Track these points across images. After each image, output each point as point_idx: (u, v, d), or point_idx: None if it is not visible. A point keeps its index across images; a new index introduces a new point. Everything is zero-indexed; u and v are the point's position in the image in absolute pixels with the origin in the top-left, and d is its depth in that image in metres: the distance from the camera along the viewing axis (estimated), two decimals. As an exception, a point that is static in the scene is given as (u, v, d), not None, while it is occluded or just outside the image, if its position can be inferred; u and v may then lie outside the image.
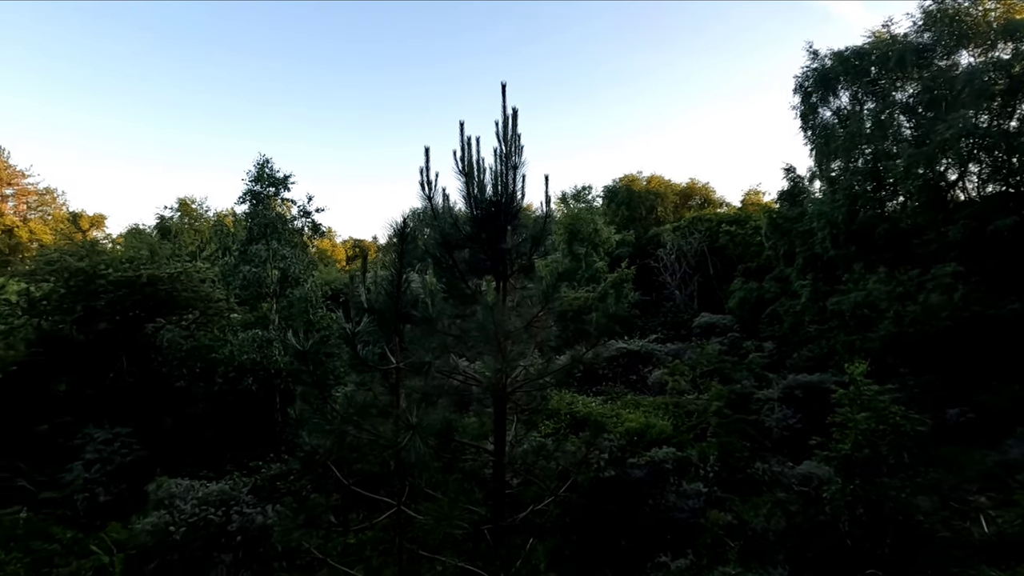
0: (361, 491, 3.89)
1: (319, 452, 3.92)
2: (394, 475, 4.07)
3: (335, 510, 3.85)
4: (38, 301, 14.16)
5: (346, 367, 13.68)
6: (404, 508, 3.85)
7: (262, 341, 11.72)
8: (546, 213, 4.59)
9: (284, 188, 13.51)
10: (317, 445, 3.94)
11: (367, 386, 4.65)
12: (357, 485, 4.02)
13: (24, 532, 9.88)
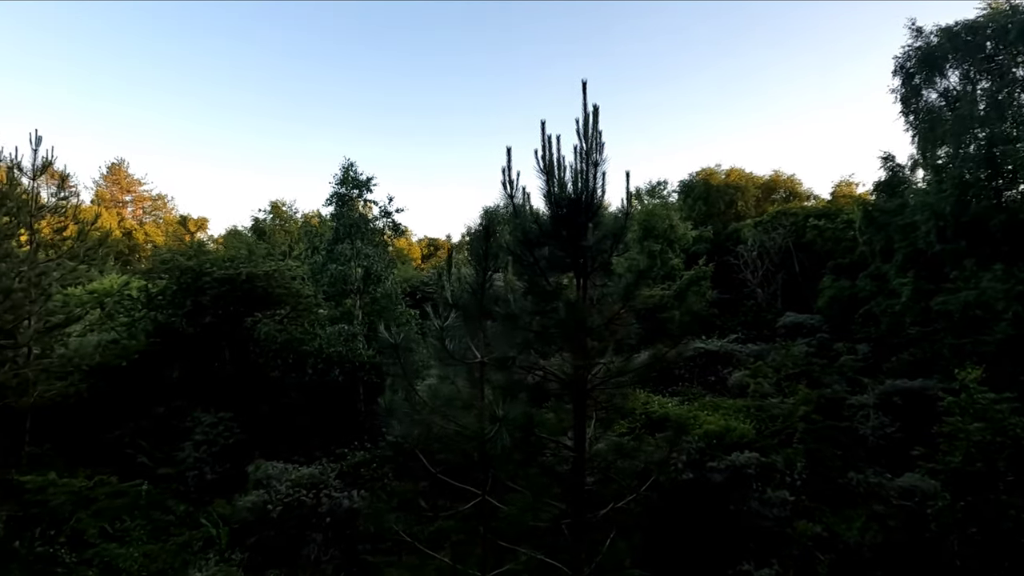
0: (448, 479, 4.07)
1: (407, 440, 4.12)
2: (477, 466, 4.21)
3: (422, 497, 4.03)
4: (154, 296, 15.74)
5: (424, 361, 14.25)
6: (489, 498, 3.98)
7: (348, 335, 12.41)
8: (626, 210, 4.56)
9: (367, 190, 14.22)
10: (406, 434, 4.14)
11: (450, 379, 4.82)
12: (441, 474, 4.19)
13: (145, 503, 11.04)
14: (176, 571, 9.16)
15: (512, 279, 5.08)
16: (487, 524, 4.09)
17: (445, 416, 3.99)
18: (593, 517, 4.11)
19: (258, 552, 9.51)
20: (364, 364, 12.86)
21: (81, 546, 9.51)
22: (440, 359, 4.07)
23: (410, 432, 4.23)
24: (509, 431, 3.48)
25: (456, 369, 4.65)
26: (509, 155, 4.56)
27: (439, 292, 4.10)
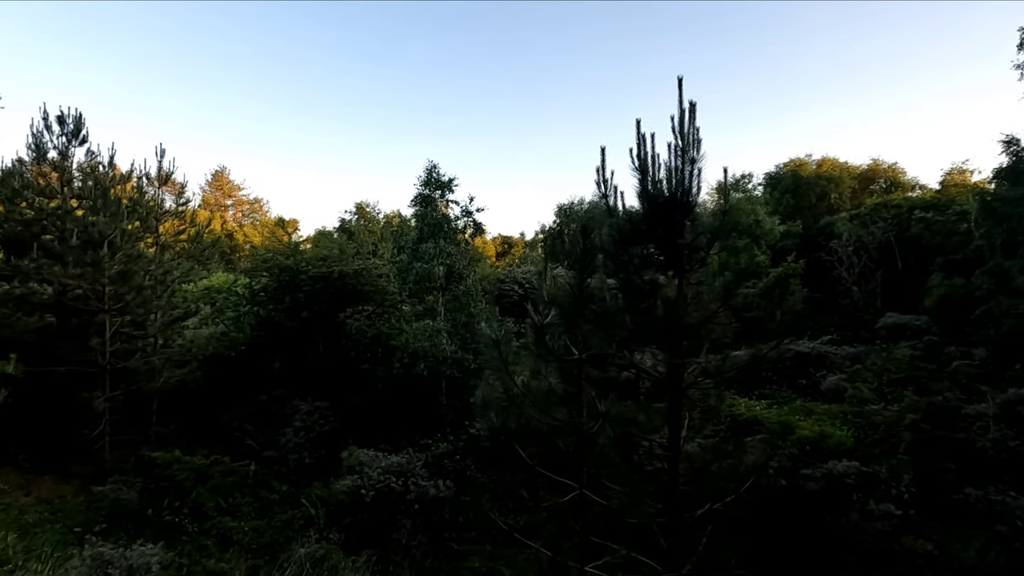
0: (546, 472, 4.19)
1: (504, 433, 4.28)
2: (570, 460, 4.30)
3: (519, 488, 4.18)
4: (257, 293, 17.10)
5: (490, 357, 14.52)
6: (586, 492, 4.07)
7: (432, 331, 12.91)
8: (725, 207, 4.47)
9: (448, 190, 14.70)
10: (502, 426, 4.30)
11: (542, 375, 4.93)
12: (538, 467, 4.32)
13: (253, 482, 12.05)
14: (281, 545, 9.92)
15: (601, 278, 5.10)
16: (584, 517, 4.18)
17: (545, 410, 4.12)
18: (690, 517, 4.08)
19: (353, 533, 10.12)
20: (447, 359, 13.32)
21: (201, 517, 10.54)
22: (538, 355, 4.19)
23: (507, 425, 4.38)
24: (612, 427, 3.54)
25: (549, 365, 4.76)
26: (603, 154, 4.61)
27: (538, 290, 4.22)
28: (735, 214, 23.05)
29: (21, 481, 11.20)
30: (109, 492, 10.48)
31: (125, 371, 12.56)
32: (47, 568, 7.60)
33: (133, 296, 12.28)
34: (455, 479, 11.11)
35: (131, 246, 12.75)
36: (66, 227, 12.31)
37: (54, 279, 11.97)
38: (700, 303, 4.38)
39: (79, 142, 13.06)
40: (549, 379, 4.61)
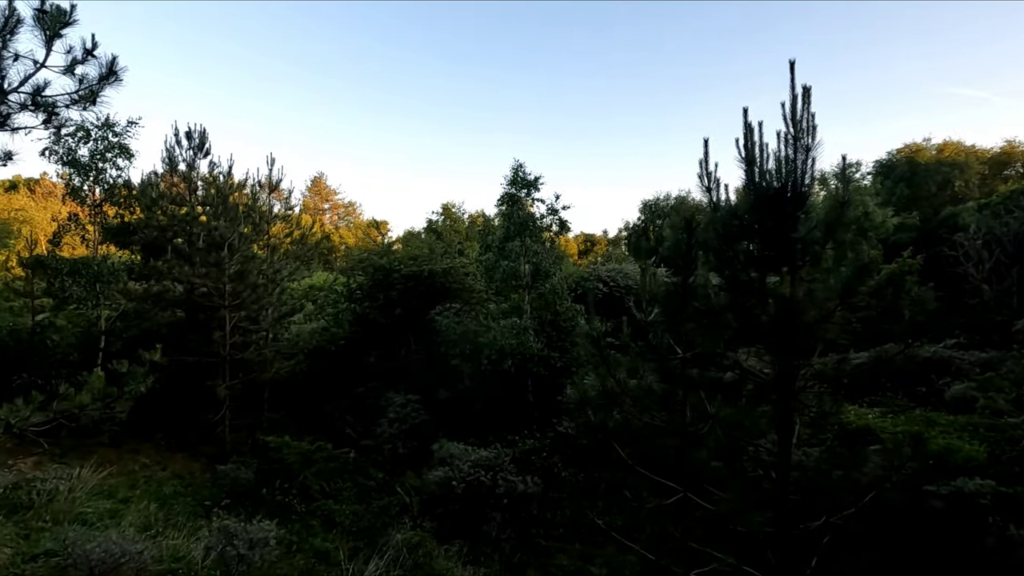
0: (647, 473, 4.12)
1: (602, 432, 4.25)
2: (670, 462, 4.19)
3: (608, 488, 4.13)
4: (354, 291, 18.15)
5: (588, 355, 14.42)
6: (690, 495, 3.95)
7: (519, 329, 13.05)
8: (844, 199, 4.16)
9: (534, 189, 14.80)
10: (599, 425, 4.27)
11: (640, 374, 4.84)
12: (638, 467, 4.25)
13: (352, 468, 12.81)
14: (378, 530, 10.46)
15: (703, 274, 4.92)
16: (686, 521, 4.06)
17: (648, 409, 4.04)
18: (804, 529, 3.84)
19: (444, 522, 10.47)
20: (533, 357, 13.42)
21: (307, 499, 11.35)
22: (641, 354, 4.12)
23: (604, 423, 4.35)
24: (722, 429, 3.41)
25: (647, 364, 4.66)
26: (707, 146, 4.45)
27: (642, 287, 4.14)
28: (853, 205, 21.44)
29: (158, 458, 12.62)
30: (230, 471, 11.55)
31: (242, 362, 13.80)
32: (182, 535, 8.51)
33: (248, 293, 13.46)
34: (542, 476, 11.18)
35: (246, 248, 13.98)
36: (193, 231, 13.73)
37: (184, 278, 13.38)
38: (815, 301, 4.10)
39: (203, 154, 14.50)
40: (647, 378, 4.51)
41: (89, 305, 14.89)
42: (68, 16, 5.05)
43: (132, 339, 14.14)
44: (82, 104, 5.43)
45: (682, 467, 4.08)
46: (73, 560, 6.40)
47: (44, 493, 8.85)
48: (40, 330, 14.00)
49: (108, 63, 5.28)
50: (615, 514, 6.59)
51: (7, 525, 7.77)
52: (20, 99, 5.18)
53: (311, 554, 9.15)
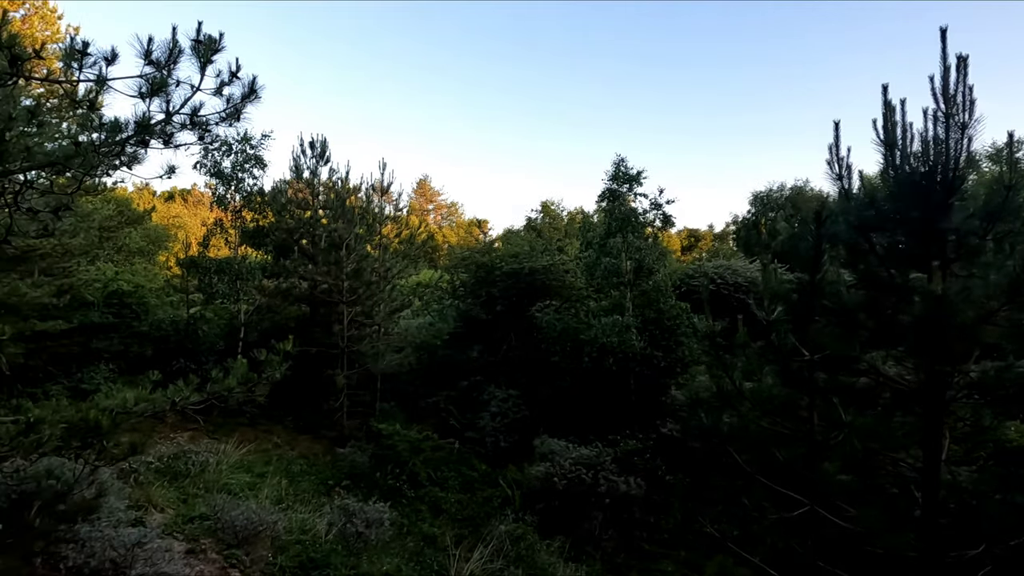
0: (767, 482, 3.86)
1: (715, 435, 4.04)
2: (796, 471, 3.88)
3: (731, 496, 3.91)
4: (457, 288, 18.81)
5: (694, 354, 13.79)
6: (818, 509, 3.64)
7: (621, 326, 12.80)
8: (1010, 182, 3.60)
9: (637, 183, 14.42)
10: (713, 427, 4.06)
11: (757, 376, 4.54)
12: (758, 475, 3.99)
13: (456, 459, 13.30)
14: (482, 519, 10.78)
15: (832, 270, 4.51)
16: (812, 537, 3.74)
17: (766, 414, 3.79)
18: (958, 557, 3.39)
19: (546, 517, 10.56)
20: (636, 355, 13.10)
21: (416, 485, 11.95)
22: (763, 354, 3.86)
23: (718, 426, 4.13)
24: (858, 440, 3.11)
25: (766, 367, 4.36)
26: (837, 130, 4.06)
27: (765, 283, 3.87)
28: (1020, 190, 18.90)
29: (287, 438, 13.93)
30: (348, 454, 12.48)
31: (357, 353, 14.83)
32: (308, 510, 9.33)
33: (363, 290, 14.44)
34: (645, 478, 10.90)
35: (361, 247, 15.01)
36: (316, 233, 14.98)
37: (308, 276, 14.64)
38: (972, 299, 3.60)
39: (324, 162, 15.75)
40: (767, 380, 4.22)
41: (231, 300, 16.80)
42: (217, 44, 5.66)
43: (265, 331, 15.75)
44: (228, 121, 6.08)
45: (808, 478, 3.76)
46: (222, 525, 7.25)
47: (197, 464, 10.10)
48: (193, 321, 16.00)
49: (249, 83, 5.88)
50: (725, 523, 6.25)
51: (171, 489, 8.97)
52: (181, 119, 5.90)
53: (420, 537, 9.63)
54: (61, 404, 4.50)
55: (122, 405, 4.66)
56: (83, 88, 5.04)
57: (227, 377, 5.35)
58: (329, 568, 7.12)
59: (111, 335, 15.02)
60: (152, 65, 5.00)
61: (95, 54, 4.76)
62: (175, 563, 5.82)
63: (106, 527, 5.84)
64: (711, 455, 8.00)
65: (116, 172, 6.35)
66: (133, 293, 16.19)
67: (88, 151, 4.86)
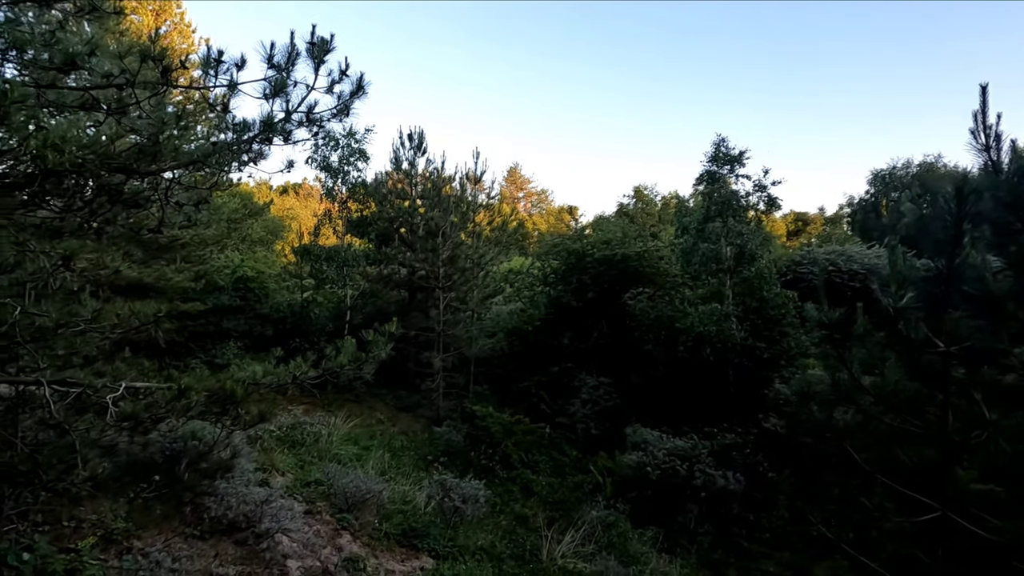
0: (890, 482, 3.55)
1: (828, 429, 3.77)
2: (925, 474, 3.53)
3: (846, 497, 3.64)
4: (548, 275, 18.88)
5: (801, 346, 12.87)
6: (951, 515, 3.28)
7: (720, 315, 12.23)
8: None
9: (739, 164, 13.60)
10: (827, 422, 3.79)
11: (878, 370, 4.17)
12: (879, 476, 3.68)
13: (547, 443, 13.46)
14: (572, 504, 10.85)
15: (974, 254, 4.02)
16: (943, 546, 3.39)
17: (892, 409, 3.47)
18: None
19: (638, 507, 10.43)
20: (735, 346, 12.45)
21: (508, 467, 12.26)
22: (890, 345, 3.54)
23: (832, 421, 3.85)
24: (1005, 442, 2.77)
25: (889, 360, 3.98)
26: (984, 94, 3.57)
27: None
28: None
29: (389, 415, 14.83)
30: (444, 433, 13.06)
31: (452, 337, 15.42)
32: (409, 483, 9.91)
33: (458, 276, 14.94)
34: (744, 473, 10.40)
35: (456, 235, 15.50)
36: (414, 221, 15.68)
37: (407, 263, 15.39)
38: None
39: (421, 153, 16.40)
40: (891, 374, 3.85)
41: (338, 285, 18.07)
42: (329, 44, 6.04)
43: (369, 314, 16.80)
44: (339, 117, 6.49)
45: (940, 481, 3.40)
46: (334, 490, 7.90)
47: (311, 435, 11.05)
48: (306, 305, 17.42)
49: (357, 80, 6.23)
50: (836, 526, 5.83)
51: (289, 456, 9.90)
52: (298, 117, 6.39)
53: (512, 516, 9.89)
54: (203, 374, 5.08)
55: (252, 377, 5.19)
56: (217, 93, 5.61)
57: (339, 355, 5.78)
58: (428, 538, 7.53)
59: (238, 316, 16.74)
60: (274, 68, 5.45)
61: (228, 61, 5.28)
62: (296, 521, 6.44)
63: (239, 485, 6.58)
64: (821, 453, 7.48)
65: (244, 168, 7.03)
66: (255, 279, 17.91)
67: (223, 149, 5.42)
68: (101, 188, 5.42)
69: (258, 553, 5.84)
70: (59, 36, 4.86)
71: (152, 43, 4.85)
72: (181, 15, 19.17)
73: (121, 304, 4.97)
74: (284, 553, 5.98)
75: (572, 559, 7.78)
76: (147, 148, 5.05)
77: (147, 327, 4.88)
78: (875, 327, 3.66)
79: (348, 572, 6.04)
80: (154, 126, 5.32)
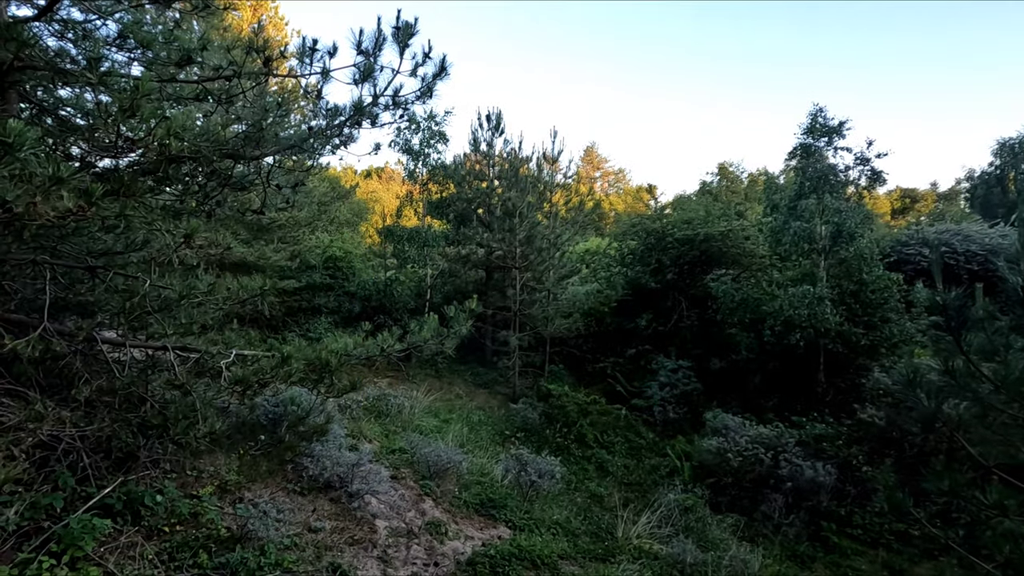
0: (1010, 479, 3.23)
1: (940, 419, 3.47)
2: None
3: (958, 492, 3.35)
4: (626, 256, 18.52)
5: (906, 333, 11.84)
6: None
7: (813, 298, 11.48)
8: None
9: (838, 136, 12.54)
10: (937, 411, 3.49)
11: (1000, 356, 3.77)
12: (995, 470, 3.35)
13: (623, 425, 13.36)
14: (648, 487, 10.76)
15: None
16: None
17: (1014, 399, 3.14)
18: None
19: (717, 493, 10.16)
20: (829, 331, 11.66)
21: (583, 445, 12.32)
22: (1013, 331, 3.20)
23: (944, 411, 3.54)
24: None
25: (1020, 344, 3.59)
26: None
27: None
28: None
29: (467, 391, 15.31)
30: (520, 410, 13.30)
31: (528, 316, 15.57)
32: (486, 456, 10.22)
33: (535, 256, 15.01)
34: (836, 466, 9.81)
35: (532, 215, 15.53)
36: (492, 202, 15.88)
37: (484, 243, 15.65)
38: None
39: (499, 133, 16.50)
40: (1015, 362, 3.48)
41: (419, 265, 18.73)
42: (413, 28, 6.19)
43: (448, 294, 17.31)
44: (422, 99, 6.66)
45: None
46: (417, 459, 8.31)
47: (395, 406, 11.64)
48: (390, 283, 18.22)
49: (440, 62, 6.36)
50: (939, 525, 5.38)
51: (375, 425, 10.50)
52: (384, 101, 6.61)
53: (587, 495, 9.97)
54: (301, 345, 5.48)
55: (344, 349, 5.54)
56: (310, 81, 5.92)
57: (422, 330, 6.03)
58: (506, 509, 7.76)
59: (328, 293, 17.83)
60: (362, 54, 5.67)
61: (321, 50, 5.56)
62: (383, 484, 6.86)
63: (332, 449, 7.09)
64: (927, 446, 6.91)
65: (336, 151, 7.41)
66: (343, 258, 18.94)
67: (318, 134, 5.75)
68: (213, 173, 5.93)
69: (350, 511, 6.30)
70: (176, 34, 5.33)
71: (255, 35, 5.20)
72: (275, 8, 20.32)
73: (230, 279, 5.45)
74: (373, 513, 6.40)
75: (648, 539, 7.74)
76: (252, 135, 5.45)
77: (254, 300, 5.32)
78: (999, 310, 3.31)
79: (431, 534, 6.38)
80: (257, 114, 5.73)
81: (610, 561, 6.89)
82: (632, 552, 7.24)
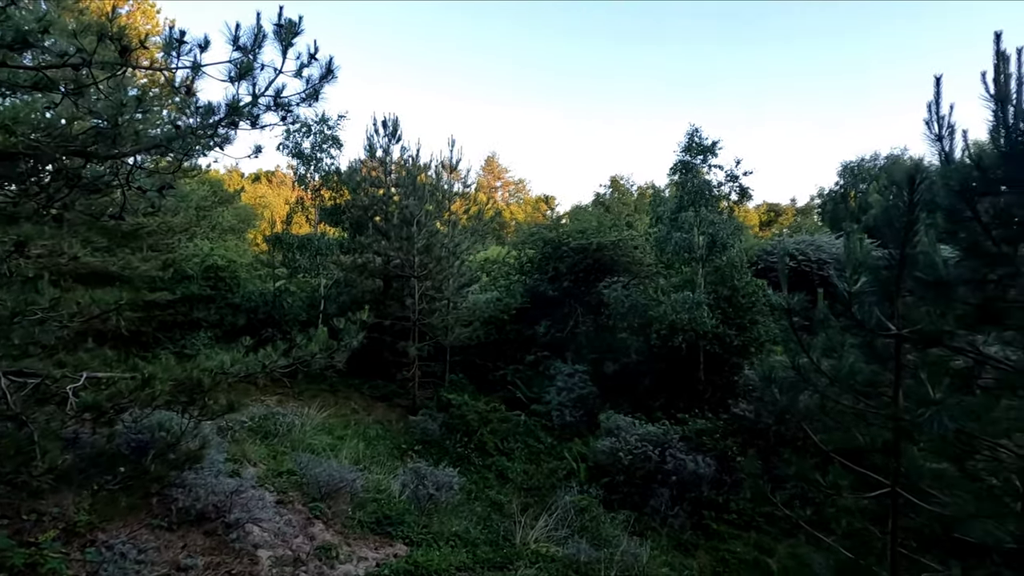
0: (845, 462, 3.69)
1: (790, 412, 3.89)
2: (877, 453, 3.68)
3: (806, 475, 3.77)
4: (524, 264, 18.93)
5: (771, 334, 13.19)
6: (900, 491, 3.44)
7: (692, 303, 12.44)
8: None
9: (711, 154, 13.77)
10: (788, 405, 3.91)
11: (837, 353, 4.31)
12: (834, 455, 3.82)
13: (523, 430, 13.56)
14: (547, 490, 11.00)
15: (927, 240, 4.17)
16: (892, 521, 3.55)
17: (846, 391, 3.60)
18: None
19: (610, 491, 10.62)
20: (706, 333, 12.70)
21: (483, 454, 12.34)
22: (846, 328, 3.66)
23: (793, 404, 3.98)
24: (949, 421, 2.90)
25: (848, 342, 4.12)
26: (938, 86, 3.69)
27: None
28: None
29: (364, 404, 14.75)
30: (420, 422, 13.06)
31: (428, 326, 15.36)
32: (383, 471, 9.90)
33: (434, 265, 14.86)
34: (715, 458, 10.66)
35: (431, 224, 15.38)
36: (388, 210, 15.51)
37: (382, 251, 15.24)
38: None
39: (396, 140, 16.18)
40: (847, 358, 3.99)
41: (312, 274, 17.82)
42: (297, 27, 5.89)
43: (343, 304, 16.60)
44: (308, 102, 6.35)
45: (891, 460, 3.56)
46: (307, 480, 7.86)
47: (284, 425, 10.93)
48: (279, 294, 17.14)
49: (326, 64, 6.09)
50: (798, 507, 6.04)
51: (261, 447, 9.79)
52: (266, 101, 6.22)
53: (487, 503, 9.99)
54: (169, 363, 4.97)
55: (220, 366, 5.11)
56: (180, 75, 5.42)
57: (310, 343, 5.72)
58: (403, 525, 7.56)
59: (209, 306, 16.39)
60: (239, 50, 5.29)
61: (190, 42, 5.11)
62: (267, 511, 6.39)
63: (208, 476, 6.49)
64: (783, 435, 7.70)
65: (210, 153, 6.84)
66: (226, 267, 17.53)
67: (187, 134, 5.27)
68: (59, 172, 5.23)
69: (228, 543, 5.79)
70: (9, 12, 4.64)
71: (109, 21, 4.67)
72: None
73: (82, 292, 4.82)
74: (255, 543, 5.94)
75: (545, 543, 7.90)
76: (106, 131, 4.88)
77: (108, 315, 4.75)
78: (834, 312, 3.79)
79: (320, 560, 6.03)
80: (114, 108, 5.14)
81: (508, 568, 6.93)
82: (530, 557, 7.34)
